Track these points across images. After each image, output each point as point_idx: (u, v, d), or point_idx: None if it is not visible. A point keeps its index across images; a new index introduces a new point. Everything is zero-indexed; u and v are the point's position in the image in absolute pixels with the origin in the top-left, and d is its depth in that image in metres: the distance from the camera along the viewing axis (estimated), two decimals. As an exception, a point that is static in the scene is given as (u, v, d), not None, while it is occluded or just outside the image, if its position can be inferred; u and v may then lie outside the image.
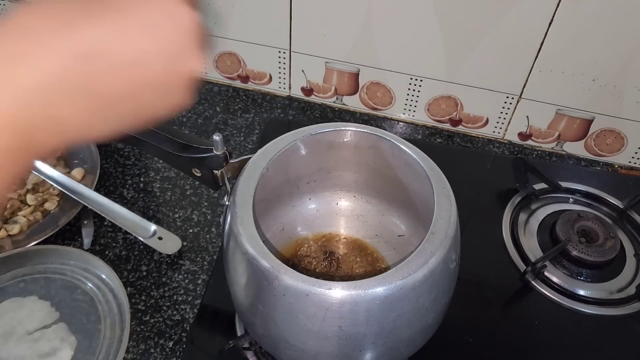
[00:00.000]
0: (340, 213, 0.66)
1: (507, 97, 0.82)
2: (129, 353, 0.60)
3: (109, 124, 0.28)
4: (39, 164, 0.73)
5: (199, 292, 0.66)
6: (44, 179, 0.73)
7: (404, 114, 0.89)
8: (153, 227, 0.70)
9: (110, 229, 0.71)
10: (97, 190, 0.72)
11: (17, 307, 0.62)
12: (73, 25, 0.25)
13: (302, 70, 0.88)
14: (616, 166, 0.86)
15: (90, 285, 0.64)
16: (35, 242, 0.67)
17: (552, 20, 0.71)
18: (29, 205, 0.71)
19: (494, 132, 0.87)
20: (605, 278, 0.69)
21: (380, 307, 0.43)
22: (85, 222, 0.71)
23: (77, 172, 0.75)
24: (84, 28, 0.25)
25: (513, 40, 0.74)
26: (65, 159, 0.78)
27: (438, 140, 0.88)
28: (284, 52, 0.86)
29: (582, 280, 0.68)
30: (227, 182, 0.54)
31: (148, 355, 0.60)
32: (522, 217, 0.75)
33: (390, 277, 0.43)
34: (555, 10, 0.70)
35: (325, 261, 0.61)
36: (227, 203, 0.52)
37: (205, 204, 0.75)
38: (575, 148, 0.86)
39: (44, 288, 0.63)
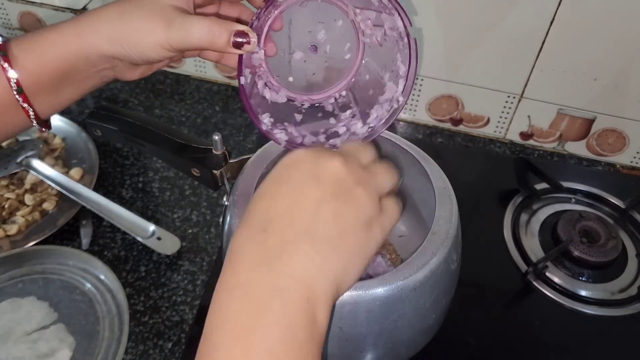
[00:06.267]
0: (340, 213, 0.65)
1: (509, 97, 0.81)
2: (128, 354, 0.60)
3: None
4: (38, 164, 0.73)
5: (198, 292, 0.65)
6: (42, 179, 0.72)
7: (404, 113, 0.89)
8: (152, 227, 0.69)
9: (108, 229, 0.71)
10: (95, 190, 0.72)
11: (15, 308, 0.61)
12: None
13: (302, 70, 0.87)
14: (618, 166, 0.85)
15: (89, 285, 0.63)
16: (34, 243, 0.66)
17: (553, 19, 0.71)
18: (27, 206, 0.70)
19: (495, 131, 0.87)
20: (607, 278, 0.68)
21: (380, 308, 0.43)
22: (84, 222, 0.70)
23: (76, 172, 0.75)
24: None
25: (514, 39, 0.74)
26: (64, 159, 0.77)
27: (439, 139, 0.87)
28: (284, 52, 0.86)
29: (584, 280, 0.68)
30: (226, 182, 0.54)
31: (147, 356, 0.60)
32: (524, 217, 0.74)
33: (391, 277, 0.43)
34: (557, 9, 0.70)
35: None
36: (226, 203, 0.52)
37: (205, 204, 0.74)
38: (577, 148, 0.85)
39: (42, 289, 0.63)
